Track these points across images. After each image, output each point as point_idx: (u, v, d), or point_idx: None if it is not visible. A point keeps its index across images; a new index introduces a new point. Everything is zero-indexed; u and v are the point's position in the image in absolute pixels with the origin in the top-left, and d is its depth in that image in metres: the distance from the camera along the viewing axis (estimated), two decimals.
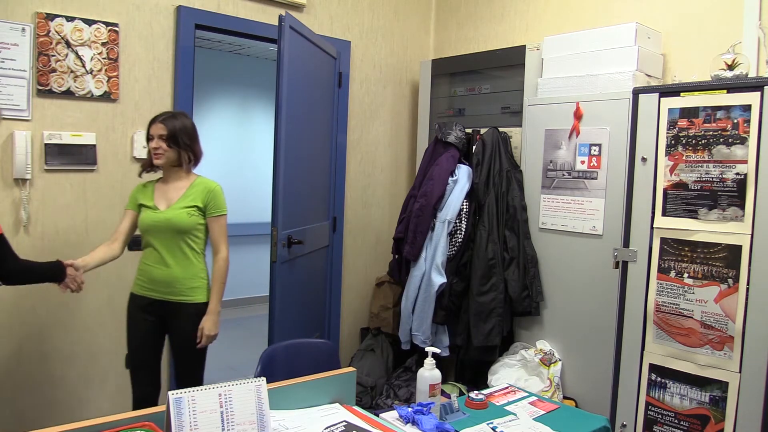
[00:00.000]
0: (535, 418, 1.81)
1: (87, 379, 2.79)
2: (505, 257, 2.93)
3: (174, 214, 2.36)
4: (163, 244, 2.36)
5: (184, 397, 1.26)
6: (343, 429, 1.50)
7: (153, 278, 2.38)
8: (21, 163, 2.52)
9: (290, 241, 2.81)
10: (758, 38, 2.55)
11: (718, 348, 2.27)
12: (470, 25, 3.80)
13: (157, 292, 2.38)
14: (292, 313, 2.94)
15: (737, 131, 2.21)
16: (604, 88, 2.69)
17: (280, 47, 2.67)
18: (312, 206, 3.27)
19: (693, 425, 2.34)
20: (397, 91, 3.91)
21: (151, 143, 2.37)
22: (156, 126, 2.36)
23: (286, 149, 2.73)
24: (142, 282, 2.41)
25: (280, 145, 2.68)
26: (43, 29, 2.55)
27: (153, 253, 2.38)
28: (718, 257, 2.26)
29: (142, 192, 2.43)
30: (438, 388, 1.74)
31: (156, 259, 2.37)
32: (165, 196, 2.41)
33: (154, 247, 2.38)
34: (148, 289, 2.40)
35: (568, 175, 2.80)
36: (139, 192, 2.44)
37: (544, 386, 2.72)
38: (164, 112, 2.45)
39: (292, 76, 2.76)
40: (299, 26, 2.87)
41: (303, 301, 3.13)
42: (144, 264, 2.42)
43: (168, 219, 2.35)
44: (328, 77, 3.43)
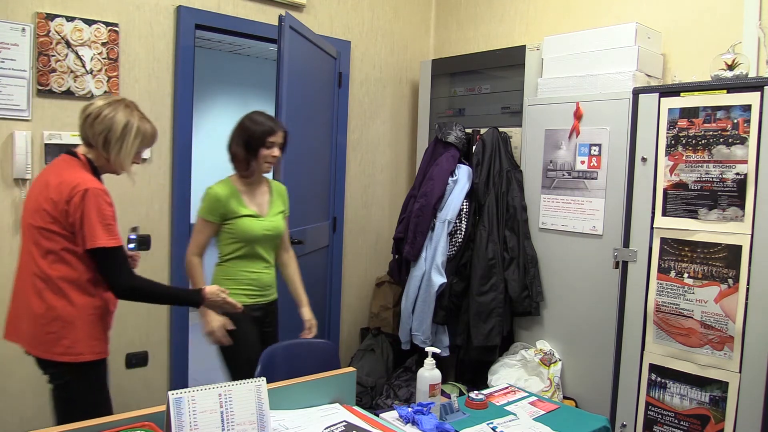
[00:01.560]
0: (535, 418, 1.81)
1: None
2: (505, 257, 2.93)
3: (277, 220, 2.37)
4: (267, 250, 2.35)
5: (184, 397, 1.26)
6: (343, 429, 1.50)
7: (264, 283, 2.36)
8: (21, 163, 2.52)
9: (290, 241, 2.81)
10: (758, 38, 2.55)
11: (718, 348, 2.27)
12: (470, 25, 3.80)
13: (264, 297, 2.37)
14: (292, 312, 2.94)
15: (737, 131, 2.21)
16: (604, 88, 2.69)
17: (280, 47, 2.67)
18: (312, 206, 3.27)
19: (693, 425, 2.34)
20: (397, 91, 3.91)
21: (271, 151, 2.28)
22: (280, 134, 2.29)
23: (286, 149, 2.72)
24: (253, 290, 2.33)
25: None
26: (43, 29, 2.55)
27: (258, 260, 2.33)
28: (718, 257, 2.26)
29: (232, 201, 2.27)
30: (438, 388, 1.74)
31: (264, 265, 2.35)
32: (256, 202, 2.34)
33: (259, 254, 2.33)
34: (259, 295, 2.35)
35: (568, 175, 2.80)
36: (227, 202, 2.26)
37: (544, 386, 2.72)
38: (272, 116, 2.37)
39: (292, 76, 2.76)
40: (299, 26, 2.87)
41: None
42: (251, 272, 2.32)
43: (277, 227, 2.35)
44: (328, 77, 3.43)
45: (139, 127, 1.88)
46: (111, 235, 1.79)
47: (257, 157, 2.27)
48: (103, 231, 1.77)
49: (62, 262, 1.80)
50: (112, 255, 1.80)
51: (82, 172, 1.82)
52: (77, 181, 1.78)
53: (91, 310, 1.84)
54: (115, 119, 1.84)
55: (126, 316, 2.87)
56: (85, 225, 1.76)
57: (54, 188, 1.79)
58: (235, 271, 2.31)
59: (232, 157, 2.33)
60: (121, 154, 1.86)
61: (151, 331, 2.96)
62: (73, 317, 1.80)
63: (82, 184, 1.77)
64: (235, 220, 2.27)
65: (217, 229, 2.30)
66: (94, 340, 1.85)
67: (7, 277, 2.56)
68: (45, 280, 1.80)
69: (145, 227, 2.89)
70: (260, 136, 2.26)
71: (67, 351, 1.80)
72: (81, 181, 1.78)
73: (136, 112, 1.90)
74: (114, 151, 1.85)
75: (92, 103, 1.87)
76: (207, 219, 2.28)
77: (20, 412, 2.62)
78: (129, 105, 1.90)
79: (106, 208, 1.79)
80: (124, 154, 1.87)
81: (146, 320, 2.94)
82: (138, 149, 1.91)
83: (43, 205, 1.80)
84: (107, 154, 1.86)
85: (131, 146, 1.87)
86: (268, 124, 2.28)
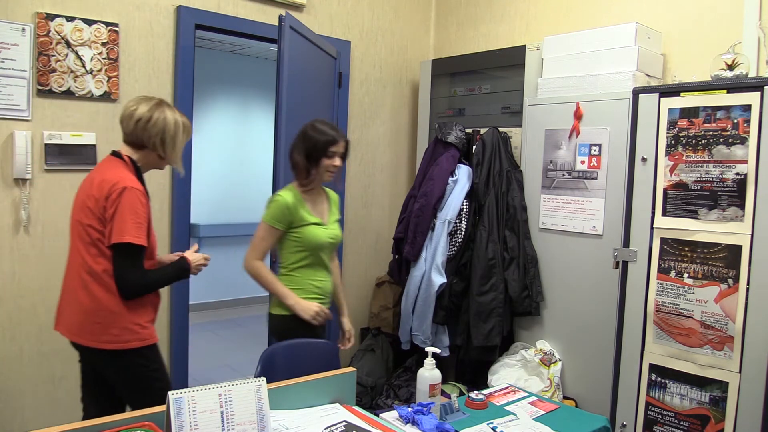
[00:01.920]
0: (535, 418, 1.81)
1: None
2: (505, 257, 2.93)
3: (338, 228, 2.40)
4: (327, 258, 2.36)
5: (184, 397, 1.26)
6: (343, 429, 1.50)
7: (327, 291, 2.37)
8: (21, 163, 2.52)
9: None
10: (758, 38, 2.55)
11: (718, 348, 2.27)
12: (470, 25, 3.80)
13: (326, 305, 2.38)
14: None
15: (737, 131, 2.21)
16: (604, 88, 2.69)
17: (280, 47, 2.67)
18: None
19: (693, 425, 2.34)
20: (397, 91, 3.91)
21: (333, 160, 2.27)
22: (341, 144, 2.28)
23: (286, 149, 2.72)
24: (320, 299, 2.34)
25: (280, 145, 2.68)
26: (43, 29, 2.55)
27: (321, 268, 2.34)
28: (718, 257, 2.26)
29: (299, 209, 2.26)
30: (438, 388, 1.74)
31: (326, 273, 2.36)
32: (319, 211, 2.35)
33: (323, 262, 2.33)
34: (324, 303, 2.35)
35: (568, 175, 2.80)
36: (295, 209, 2.25)
37: (544, 386, 2.72)
38: (334, 125, 2.35)
39: (292, 76, 2.76)
40: (299, 26, 2.87)
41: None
42: (318, 281, 2.33)
43: (338, 235, 2.39)
44: (328, 77, 3.43)
45: (184, 123, 2.04)
46: (139, 233, 1.86)
47: (318, 166, 2.26)
48: (132, 227, 1.84)
49: (104, 257, 1.88)
50: (134, 252, 1.87)
51: (124, 172, 1.92)
52: (117, 179, 1.87)
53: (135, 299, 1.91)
54: (167, 120, 1.98)
55: None
56: (116, 220, 1.84)
57: (96, 186, 1.89)
58: (303, 280, 2.30)
59: (292, 166, 2.32)
60: (176, 150, 2.02)
61: None
62: (118, 307, 1.88)
63: (121, 183, 1.86)
64: (301, 228, 2.26)
65: (282, 236, 2.27)
66: (140, 328, 1.92)
67: (8, 276, 2.57)
68: (90, 273, 1.89)
69: None
70: (323, 146, 2.25)
71: (113, 339, 1.88)
72: (120, 180, 1.87)
73: (175, 109, 2.04)
74: (169, 149, 2.00)
75: (135, 108, 1.96)
76: (273, 226, 2.24)
77: (20, 412, 2.62)
78: (167, 103, 2.03)
79: (139, 208, 1.87)
80: (177, 149, 2.03)
81: None
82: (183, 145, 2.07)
83: (87, 202, 1.90)
84: (164, 152, 1.99)
85: (182, 141, 2.04)
86: (330, 134, 2.26)
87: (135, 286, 1.89)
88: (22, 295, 2.60)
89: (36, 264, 2.62)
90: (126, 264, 1.86)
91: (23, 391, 2.63)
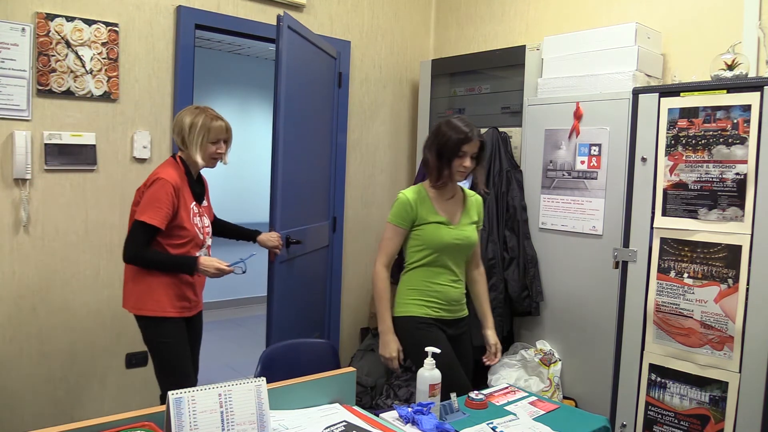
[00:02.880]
0: (535, 418, 1.80)
1: (87, 379, 2.80)
2: (505, 257, 2.93)
3: (470, 230, 2.24)
4: (456, 262, 2.23)
5: (184, 397, 1.26)
6: (343, 429, 1.50)
7: (451, 298, 2.22)
8: (21, 163, 2.52)
9: (288, 241, 2.81)
10: (758, 38, 2.55)
11: (718, 348, 2.27)
12: (470, 25, 3.80)
13: (450, 312, 2.24)
14: (291, 313, 2.94)
15: (737, 131, 2.21)
16: (604, 88, 2.69)
17: (279, 47, 2.67)
18: (311, 206, 3.27)
19: (693, 425, 2.34)
20: (397, 91, 3.91)
21: (463, 160, 2.13)
22: (475, 144, 2.13)
23: (284, 149, 2.72)
24: (438, 303, 2.20)
25: (279, 145, 2.68)
26: (43, 29, 2.55)
27: (446, 272, 2.21)
28: (718, 257, 2.26)
29: (421, 207, 2.18)
30: (438, 388, 1.74)
31: (452, 278, 2.22)
32: (448, 211, 2.22)
33: (447, 266, 2.20)
34: (444, 310, 2.22)
35: (568, 175, 2.80)
36: (417, 207, 2.17)
37: (544, 386, 2.72)
38: (470, 123, 2.15)
39: (290, 76, 2.76)
40: (298, 26, 2.87)
41: (303, 300, 3.13)
42: (437, 284, 2.20)
43: (468, 237, 2.22)
44: (328, 77, 3.43)
45: (203, 124, 2.23)
46: (154, 216, 2.12)
47: (450, 166, 2.14)
48: (149, 209, 2.13)
49: None
50: (142, 228, 2.14)
51: (168, 168, 2.22)
52: (157, 172, 2.20)
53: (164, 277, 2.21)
54: (184, 121, 2.24)
55: (126, 316, 2.87)
56: (142, 202, 2.16)
57: (145, 180, 2.25)
58: (419, 281, 2.21)
59: (424, 163, 2.23)
60: (194, 147, 2.24)
61: None
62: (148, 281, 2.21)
63: (157, 175, 2.18)
64: (423, 227, 2.18)
65: (407, 235, 2.21)
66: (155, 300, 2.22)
67: (8, 275, 2.57)
68: None
69: None
70: (454, 144, 2.11)
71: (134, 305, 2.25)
72: (159, 173, 2.19)
73: (205, 113, 2.25)
74: (189, 145, 2.24)
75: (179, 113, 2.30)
76: (398, 225, 2.19)
77: (20, 412, 2.62)
78: (198, 107, 2.28)
79: (163, 196, 2.14)
80: (195, 147, 2.24)
81: None
82: (206, 141, 2.25)
83: (137, 195, 2.26)
84: (186, 149, 2.25)
85: (198, 141, 2.23)
86: (464, 131, 2.12)
87: (131, 255, 2.17)
88: (22, 295, 2.60)
89: (36, 264, 2.62)
90: (132, 236, 2.17)
91: (23, 391, 2.63)
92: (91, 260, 2.76)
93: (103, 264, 2.79)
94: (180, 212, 2.19)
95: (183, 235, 2.21)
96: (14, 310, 2.59)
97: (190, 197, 2.26)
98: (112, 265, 2.81)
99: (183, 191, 2.22)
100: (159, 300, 2.21)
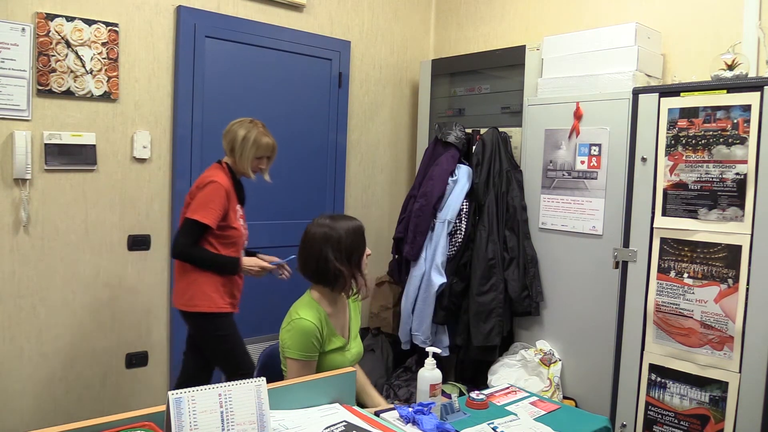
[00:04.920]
0: (536, 419, 1.80)
1: (87, 379, 2.80)
2: (505, 257, 2.93)
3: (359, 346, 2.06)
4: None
5: (183, 397, 1.26)
6: (343, 429, 1.50)
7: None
8: (21, 163, 2.52)
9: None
10: (758, 38, 2.55)
11: (718, 348, 2.27)
12: (470, 25, 3.80)
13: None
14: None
15: (737, 131, 2.21)
16: (604, 88, 2.69)
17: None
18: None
19: (693, 425, 2.34)
20: (397, 91, 3.91)
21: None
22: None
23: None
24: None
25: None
26: (43, 29, 2.55)
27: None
28: (718, 257, 2.26)
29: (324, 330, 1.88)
30: (439, 388, 1.74)
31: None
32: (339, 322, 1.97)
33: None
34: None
35: (568, 175, 2.80)
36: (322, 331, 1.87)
37: (544, 386, 2.72)
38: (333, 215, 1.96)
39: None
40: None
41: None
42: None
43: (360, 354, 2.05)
44: (325, 79, 3.43)
45: (255, 139, 2.41)
46: (206, 215, 2.28)
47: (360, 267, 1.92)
48: (201, 209, 2.29)
49: None
50: (192, 226, 2.29)
51: (217, 172, 2.40)
52: (209, 175, 2.38)
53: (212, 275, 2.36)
54: (237, 133, 2.42)
55: (126, 316, 2.88)
56: (195, 202, 2.32)
57: (195, 183, 2.41)
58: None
59: (334, 276, 1.86)
60: (242, 159, 2.42)
61: (151, 331, 2.96)
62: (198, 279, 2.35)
63: (210, 178, 2.35)
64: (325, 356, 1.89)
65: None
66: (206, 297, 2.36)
67: (8, 276, 2.57)
68: None
69: (145, 227, 2.90)
70: (360, 243, 1.91)
71: (188, 303, 2.37)
72: (211, 176, 2.36)
73: (256, 129, 2.43)
74: (237, 156, 2.42)
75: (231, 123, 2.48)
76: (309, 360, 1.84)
77: (20, 412, 2.62)
78: (252, 122, 2.46)
79: (215, 197, 2.31)
80: (244, 159, 2.42)
81: (146, 320, 2.94)
82: (255, 156, 2.43)
83: (188, 196, 2.41)
84: (234, 158, 2.44)
85: (249, 154, 2.42)
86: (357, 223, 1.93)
87: (179, 251, 2.32)
88: (22, 295, 2.60)
89: (36, 264, 2.62)
90: (182, 232, 2.32)
91: (23, 391, 2.63)
92: (91, 260, 2.76)
93: (103, 264, 2.79)
94: (229, 213, 2.37)
95: (232, 235, 2.38)
96: (14, 310, 2.59)
97: (236, 200, 2.45)
98: (113, 265, 2.81)
99: (231, 194, 2.40)
100: (210, 296, 2.36)
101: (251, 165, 2.44)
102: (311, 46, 3.39)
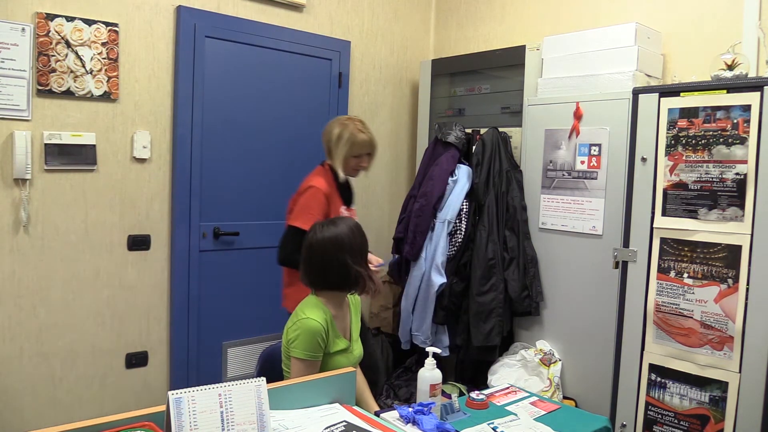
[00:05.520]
0: (536, 419, 1.81)
1: (87, 379, 2.79)
2: (505, 257, 2.93)
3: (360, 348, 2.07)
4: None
5: (184, 397, 1.26)
6: (343, 429, 1.50)
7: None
8: (21, 163, 2.52)
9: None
10: (758, 38, 2.55)
11: (718, 348, 2.27)
12: (470, 25, 3.80)
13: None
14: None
15: (737, 131, 2.21)
16: (604, 88, 2.69)
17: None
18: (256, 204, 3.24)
19: (693, 425, 2.34)
20: (397, 91, 3.91)
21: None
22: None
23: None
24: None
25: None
26: (43, 29, 2.55)
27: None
28: (718, 257, 2.26)
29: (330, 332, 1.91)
30: (439, 388, 1.74)
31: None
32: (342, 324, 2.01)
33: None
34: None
35: (568, 175, 2.80)
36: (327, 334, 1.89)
37: (544, 386, 2.72)
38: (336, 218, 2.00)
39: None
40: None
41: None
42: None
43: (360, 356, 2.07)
44: (322, 79, 3.43)
45: (349, 136, 2.41)
46: (304, 220, 2.29)
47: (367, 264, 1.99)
48: (301, 215, 2.32)
49: None
50: (294, 233, 2.30)
51: (318, 177, 2.43)
52: (309, 180, 2.41)
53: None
54: (332, 132, 2.43)
55: (126, 315, 2.88)
56: (296, 209, 2.37)
57: (298, 189, 2.45)
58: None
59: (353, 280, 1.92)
60: (336, 157, 2.43)
61: (151, 331, 2.96)
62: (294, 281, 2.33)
63: (309, 183, 2.39)
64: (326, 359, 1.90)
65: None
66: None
67: (8, 276, 2.57)
68: None
69: (144, 227, 2.90)
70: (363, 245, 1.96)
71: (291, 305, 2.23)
72: (310, 181, 2.40)
73: (352, 126, 2.43)
74: (333, 154, 2.44)
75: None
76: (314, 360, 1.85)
77: (20, 412, 2.62)
78: (350, 119, 2.48)
79: (314, 203, 2.34)
80: (337, 157, 2.43)
81: (146, 320, 2.94)
82: (350, 154, 2.43)
83: (290, 203, 2.45)
84: (332, 159, 2.45)
85: (342, 152, 2.42)
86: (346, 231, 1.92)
87: (283, 258, 2.37)
88: (22, 295, 2.60)
89: (36, 264, 2.62)
90: (286, 239, 2.37)
91: (23, 391, 2.63)
92: (91, 260, 2.76)
93: (103, 264, 2.79)
94: (331, 216, 2.34)
95: None
96: (14, 310, 2.59)
97: (339, 201, 2.46)
98: (112, 265, 2.81)
99: (332, 197, 2.41)
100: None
101: (349, 164, 2.43)
102: (311, 46, 3.39)
